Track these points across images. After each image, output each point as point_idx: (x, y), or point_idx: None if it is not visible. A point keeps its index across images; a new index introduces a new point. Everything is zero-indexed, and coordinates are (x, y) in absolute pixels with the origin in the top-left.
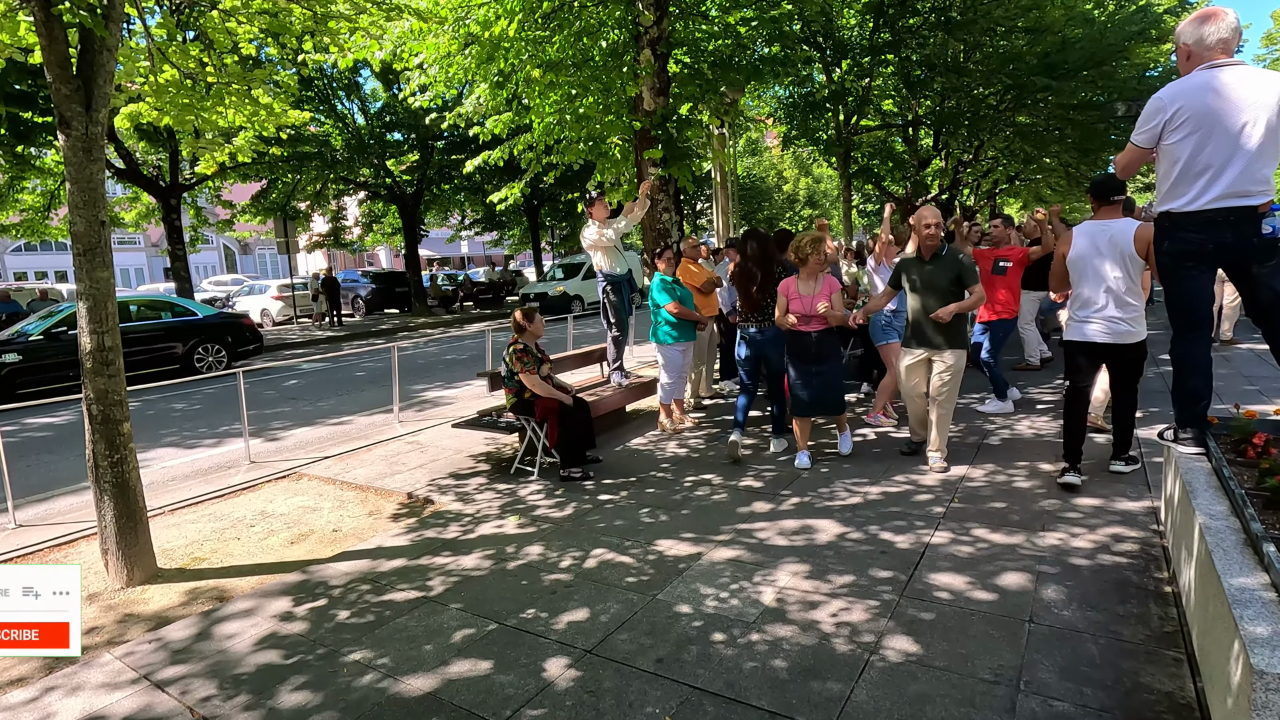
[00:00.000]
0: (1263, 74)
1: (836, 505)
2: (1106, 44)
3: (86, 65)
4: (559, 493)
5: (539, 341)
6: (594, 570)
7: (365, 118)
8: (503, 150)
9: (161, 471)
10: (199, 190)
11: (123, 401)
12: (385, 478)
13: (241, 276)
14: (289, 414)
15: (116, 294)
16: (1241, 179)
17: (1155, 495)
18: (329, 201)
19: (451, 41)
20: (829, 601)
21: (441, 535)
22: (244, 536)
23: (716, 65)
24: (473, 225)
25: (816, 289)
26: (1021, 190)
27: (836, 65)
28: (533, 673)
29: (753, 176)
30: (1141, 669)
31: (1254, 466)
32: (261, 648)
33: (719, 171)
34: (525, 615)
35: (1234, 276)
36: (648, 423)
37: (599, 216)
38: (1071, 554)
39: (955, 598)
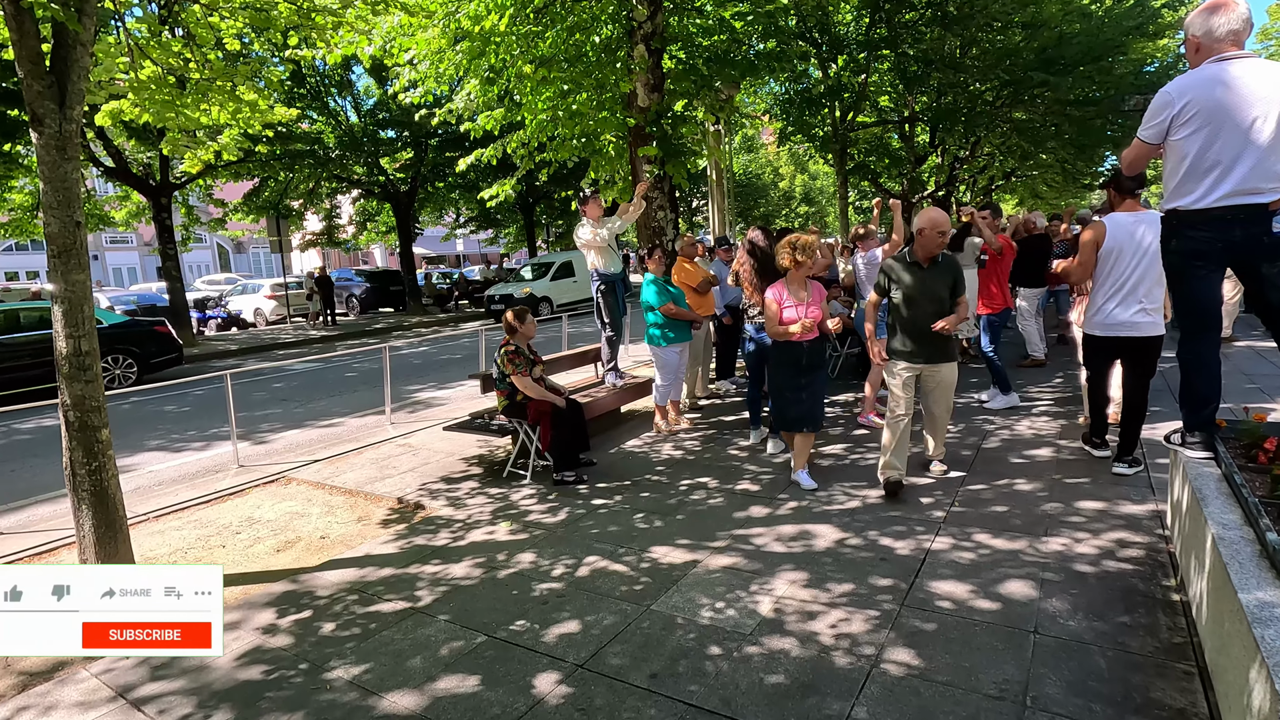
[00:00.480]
0: (1274, 66)
1: (835, 510)
2: (1104, 39)
3: (60, 61)
4: (552, 497)
5: (531, 343)
6: (587, 579)
7: (358, 115)
8: (495, 148)
9: (148, 476)
10: (190, 189)
11: (101, 407)
12: (375, 482)
13: (235, 275)
14: (279, 416)
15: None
16: (1252, 175)
17: (1159, 498)
18: (322, 200)
19: (442, 37)
20: (828, 611)
21: (431, 542)
22: (229, 544)
23: (711, 61)
24: (467, 223)
25: (809, 295)
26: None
27: (832, 61)
28: (522, 689)
29: (749, 174)
30: (1151, 683)
31: (1265, 473)
32: (243, 663)
33: (715, 169)
34: (515, 627)
35: (1243, 276)
36: (643, 424)
37: (593, 215)
38: (1076, 560)
39: (957, 607)
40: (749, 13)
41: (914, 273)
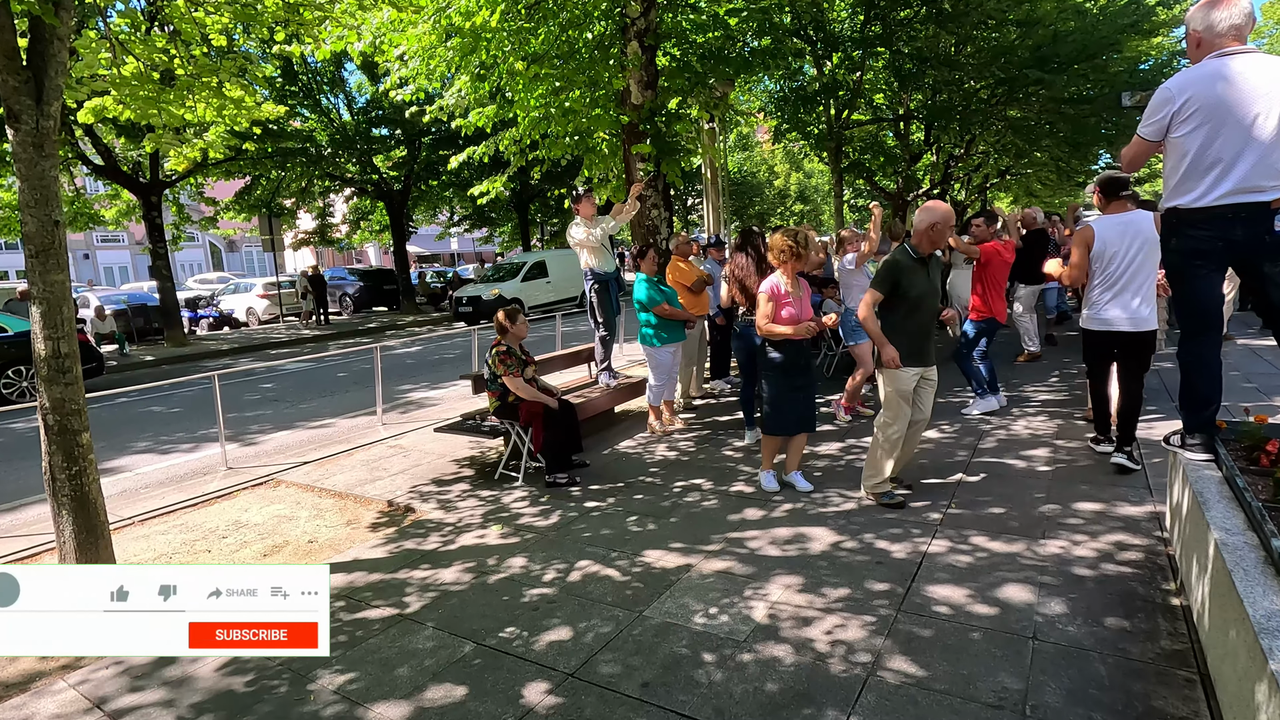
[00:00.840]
0: (1276, 61)
1: (830, 512)
2: (1098, 37)
3: (37, 56)
4: (544, 499)
5: (523, 343)
6: (578, 584)
7: (351, 113)
8: (487, 146)
9: (134, 479)
10: (181, 187)
11: (81, 410)
12: (365, 484)
13: (227, 274)
14: (269, 417)
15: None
16: (1254, 173)
17: (1157, 499)
18: (315, 198)
19: (432, 33)
20: (823, 617)
21: (421, 546)
22: (215, 549)
23: (706, 57)
24: (461, 222)
25: (801, 293)
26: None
27: (827, 58)
28: (510, 699)
29: (744, 172)
30: (1153, 691)
31: (1268, 476)
32: (225, 673)
33: (709, 167)
34: (505, 634)
35: (1244, 275)
36: (637, 424)
37: (586, 214)
38: (1074, 563)
39: (955, 612)
40: (743, 9)
41: (919, 269)
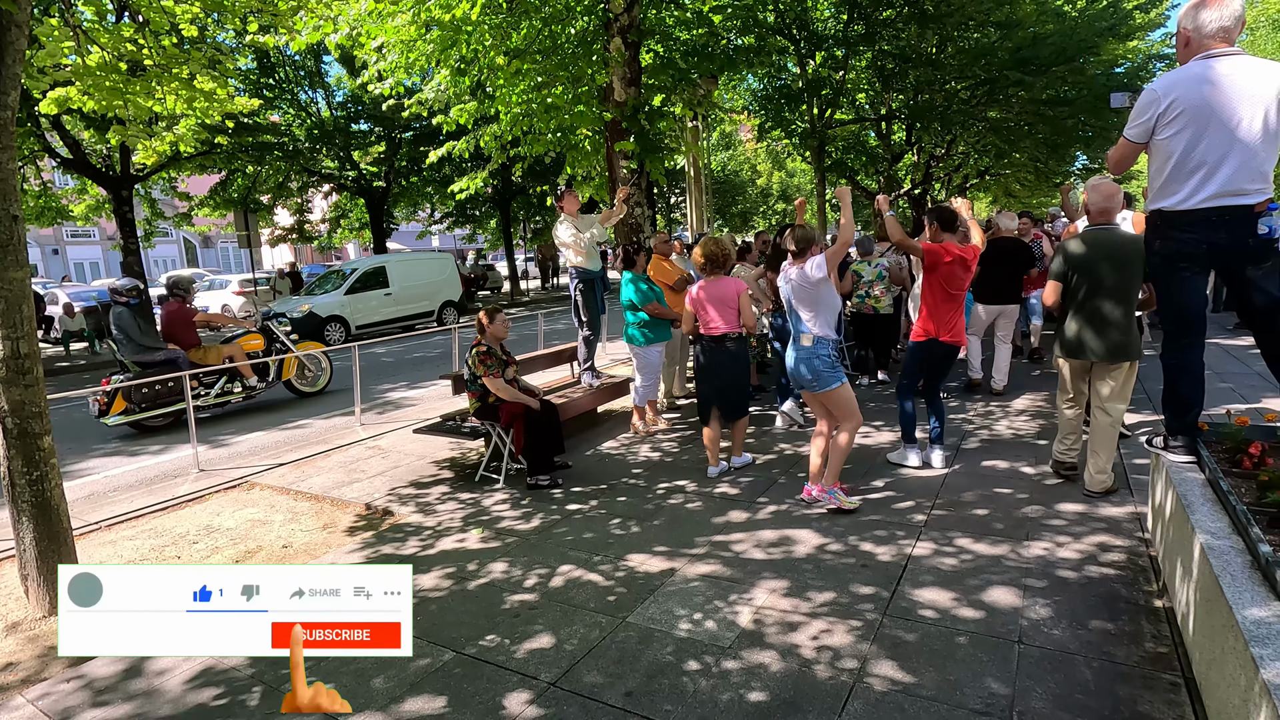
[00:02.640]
0: (1263, 65)
1: (815, 514)
2: (1077, 40)
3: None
4: (525, 502)
5: (504, 342)
6: (560, 590)
7: (330, 107)
8: (468, 141)
9: (103, 482)
10: (153, 181)
11: (42, 413)
12: (343, 486)
13: (202, 271)
14: (242, 417)
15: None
16: (1238, 176)
17: (1139, 500)
18: (293, 194)
19: (411, 25)
20: (809, 622)
21: (399, 551)
22: (185, 555)
23: (689, 54)
24: (443, 219)
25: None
26: (992, 185)
27: (810, 57)
28: (490, 710)
29: (727, 171)
30: (1139, 695)
31: (1251, 478)
32: (195, 686)
33: (693, 165)
34: (485, 642)
35: (1227, 279)
36: (620, 424)
37: (570, 210)
38: (1058, 565)
39: (940, 616)
40: (727, 6)
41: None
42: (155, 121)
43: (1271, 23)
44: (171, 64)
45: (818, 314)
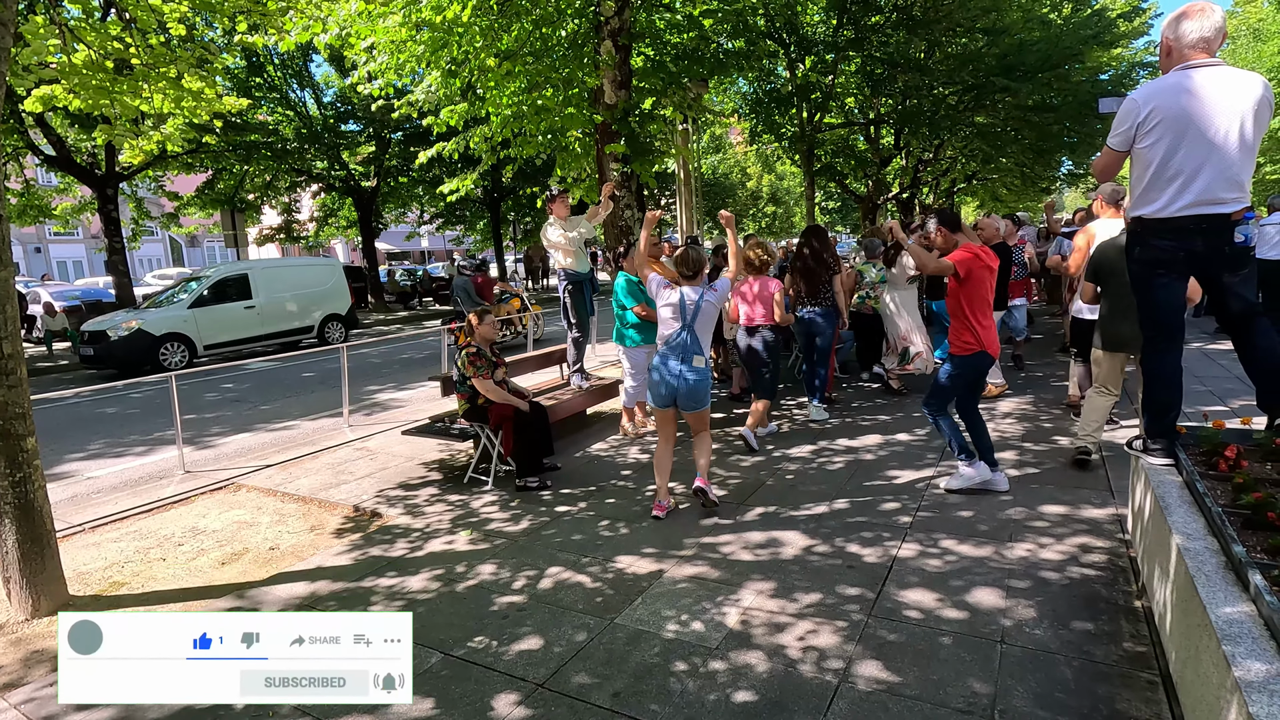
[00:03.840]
0: (1241, 75)
1: (801, 515)
2: (1062, 47)
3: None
4: (514, 504)
5: (493, 344)
6: (549, 591)
7: (319, 107)
8: (458, 142)
9: (86, 483)
10: (139, 179)
11: (25, 414)
12: (330, 488)
13: (188, 270)
14: (230, 418)
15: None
16: (1214, 185)
17: (1119, 502)
18: (280, 193)
19: (402, 25)
20: (795, 623)
21: (388, 553)
22: (170, 557)
23: (680, 58)
24: (432, 220)
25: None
26: (979, 189)
27: (800, 61)
28: (479, 711)
29: (717, 174)
30: (1117, 694)
31: (1227, 481)
32: None
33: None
34: (473, 644)
35: (1205, 285)
36: (609, 426)
37: (560, 214)
38: (1040, 566)
39: (925, 616)
40: (717, 10)
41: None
42: (142, 120)
43: (1252, 32)
44: (159, 63)
45: (708, 336)
